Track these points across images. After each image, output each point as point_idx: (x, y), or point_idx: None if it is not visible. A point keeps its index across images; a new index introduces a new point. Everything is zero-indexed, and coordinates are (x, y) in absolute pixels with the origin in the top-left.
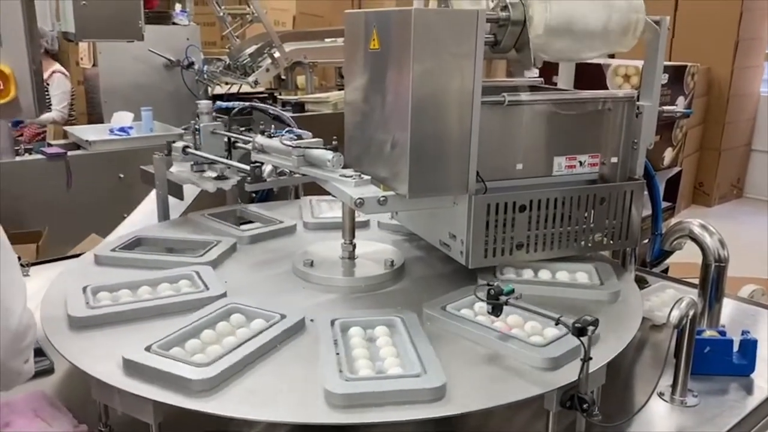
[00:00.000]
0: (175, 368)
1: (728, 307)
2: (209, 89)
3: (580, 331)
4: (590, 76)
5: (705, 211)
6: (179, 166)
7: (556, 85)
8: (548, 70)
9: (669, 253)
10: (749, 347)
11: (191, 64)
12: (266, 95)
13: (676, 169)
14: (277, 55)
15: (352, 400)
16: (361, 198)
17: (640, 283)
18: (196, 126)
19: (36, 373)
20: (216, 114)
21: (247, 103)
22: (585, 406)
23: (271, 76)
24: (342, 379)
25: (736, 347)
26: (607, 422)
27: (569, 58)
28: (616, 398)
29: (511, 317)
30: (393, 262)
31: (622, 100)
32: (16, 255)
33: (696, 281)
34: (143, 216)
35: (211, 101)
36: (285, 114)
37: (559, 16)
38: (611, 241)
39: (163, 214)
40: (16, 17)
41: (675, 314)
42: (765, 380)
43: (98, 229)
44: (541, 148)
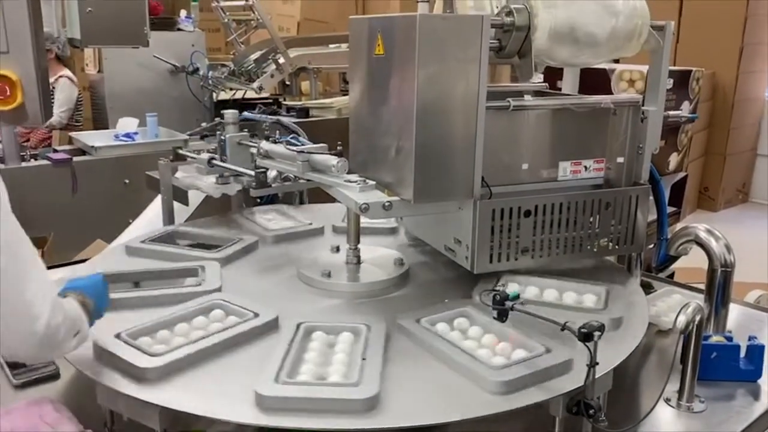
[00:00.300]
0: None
1: (734, 313)
2: (214, 95)
3: (586, 337)
4: (595, 80)
5: (710, 216)
6: (205, 180)
7: (560, 89)
8: (553, 74)
9: (675, 258)
10: (756, 353)
11: (196, 70)
12: (271, 101)
13: (682, 174)
14: (281, 60)
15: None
16: (366, 203)
17: (646, 288)
18: (222, 136)
19: (41, 378)
20: (221, 120)
21: (275, 117)
22: (591, 411)
23: (276, 82)
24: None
25: (742, 353)
26: (614, 428)
27: (574, 64)
28: (623, 404)
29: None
30: (402, 259)
31: (627, 105)
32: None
33: (702, 286)
34: (148, 221)
35: (237, 111)
36: (302, 133)
37: (563, 22)
38: (617, 246)
39: (168, 219)
40: (23, 25)
41: (681, 319)
42: None
43: (103, 235)
44: (546, 153)
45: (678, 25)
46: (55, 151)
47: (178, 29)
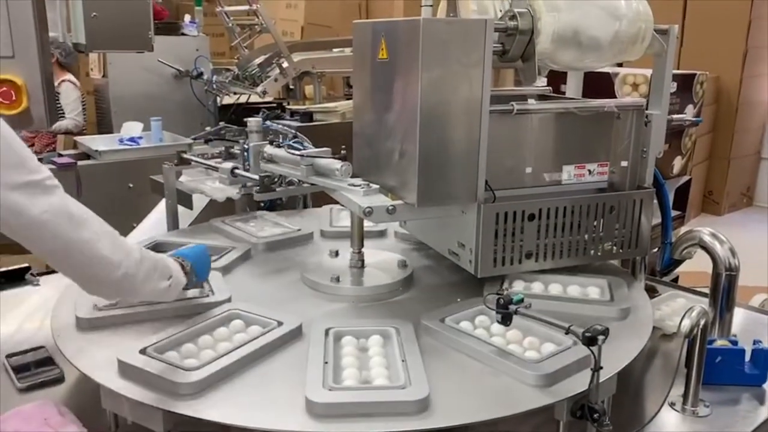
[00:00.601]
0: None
1: (739, 316)
2: (218, 99)
3: (590, 341)
4: (599, 84)
5: (715, 220)
6: (228, 191)
7: (564, 93)
8: (557, 78)
9: (679, 262)
10: (761, 357)
11: (200, 74)
12: (275, 105)
13: (686, 178)
14: (285, 65)
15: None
16: (369, 207)
17: (650, 291)
18: (245, 145)
19: (46, 382)
20: (225, 124)
21: (293, 130)
22: (596, 415)
23: (280, 86)
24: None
25: (747, 357)
26: None
27: (577, 67)
28: (627, 408)
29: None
30: (405, 262)
31: (630, 109)
32: (26, 264)
33: (706, 290)
34: (152, 225)
35: (260, 119)
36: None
37: (567, 25)
38: (621, 250)
39: (173, 223)
40: (29, 29)
41: (686, 323)
42: None
43: None
44: (549, 157)
45: (682, 28)
46: (60, 155)
47: (183, 34)
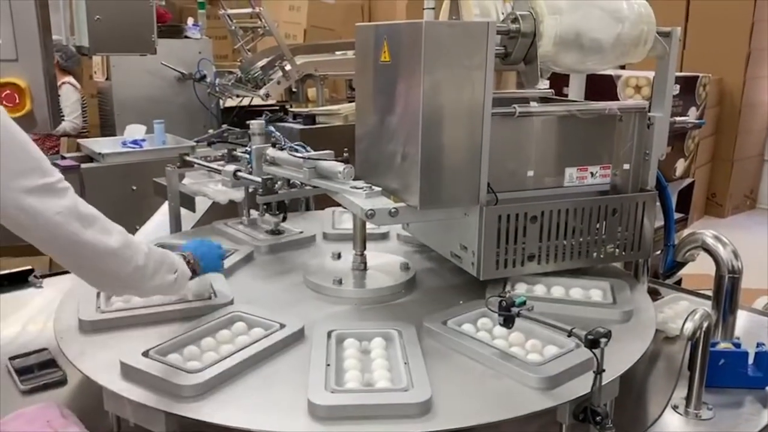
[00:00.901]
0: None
1: (742, 319)
2: (221, 102)
3: (592, 343)
4: (601, 87)
5: (718, 222)
6: (232, 194)
7: (566, 96)
8: (559, 81)
9: (682, 265)
10: (764, 360)
11: (203, 77)
12: (277, 108)
13: (689, 180)
14: (288, 68)
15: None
16: (372, 209)
17: (653, 294)
18: (248, 148)
19: (49, 384)
20: (228, 126)
21: (298, 144)
22: (598, 418)
23: (282, 89)
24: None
25: (751, 359)
26: None
27: (580, 70)
28: (630, 411)
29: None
30: (408, 265)
31: (633, 111)
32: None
33: (709, 293)
34: (155, 228)
35: (263, 121)
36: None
37: (569, 28)
38: (623, 253)
39: (176, 225)
40: (32, 33)
41: (689, 326)
42: None
43: None
44: (552, 159)
45: (684, 30)
46: (63, 158)
47: (186, 37)
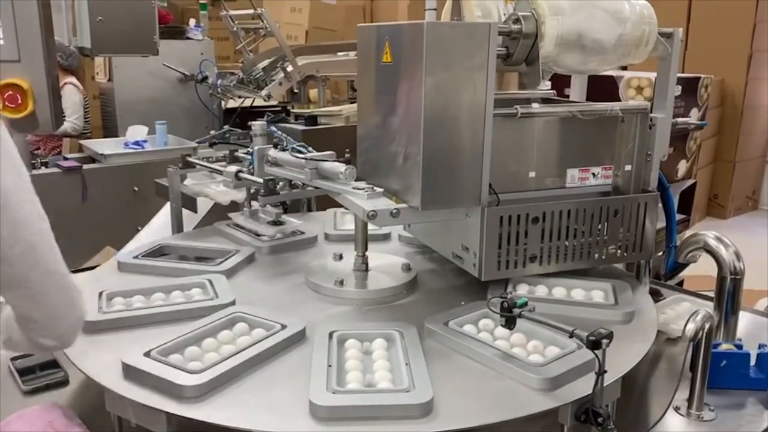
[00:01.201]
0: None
1: (744, 320)
2: (222, 103)
3: (594, 344)
4: (603, 87)
5: (720, 224)
6: (233, 194)
7: (568, 97)
8: (560, 82)
9: (684, 266)
10: (766, 361)
11: (205, 78)
12: (279, 109)
13: (690, 181)
14: (290, 68)
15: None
16: (373, 210)
17: (655, 295)
18: (250, 149)
19: (51, 384)
20: (229, 127)
21: (301, 144)
22: (600, 420)
23: (284, 90)
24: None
25: (753, 361)
26: None
27: (581, 71)
28: (632, 412)
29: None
30: (409, 266)
31: (635, 112)
32: None
33: (711, 294)
34: (157, 229)
35: (265, 123)
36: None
37: (570, 29)
38: (625, 254)
39: (177, 226)
40: (35, 34)
41: (691, 327)
42: None
43: (113, 242)
44: (553, 160)
45: (686, 31)
46: (65, 158)
47: (188, 38)
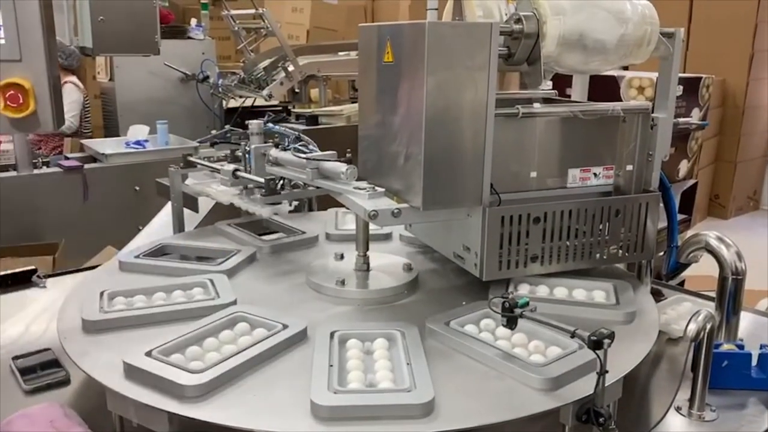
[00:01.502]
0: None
1: (745, 321)
2: (224, 102)
3: (596, 344)
4: (604, 87)
5: (721, 224)
6: (228, 192)
7: (570, 97)
8: (562, 81)
9: (685, 266)
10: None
11: (206, 77)
12: (280, 108)
13: (692, 182)
14: (291, 68)
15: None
16: (375, 210)
17: (656, 295)
18: (247, 148)
19: (52, 384)
20: (231, 127)
21: (297, 133)
22: (601, 419)
23: (285, 90)
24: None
25: (754, 361)
26: None
27: (583, 71)
28: (633, 412)
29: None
30: (410, 266)
31: (636, 112)
32: (33, 266)
33: (713, 294)
34: (158, 228)
35: (261, 122)
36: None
37: (572, 29)
38: (626, 254)
39: (179, 226)
40: (36, 33)
41: (692, 327)
42: None
43: (114, 241)
44: (555, 160)
45: (687, 32)
46: (67, 158)
47: (189, 37)
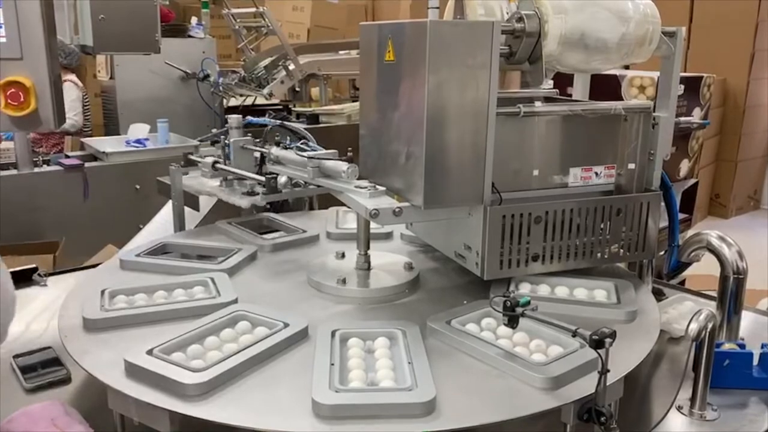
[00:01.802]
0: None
1: (746, 320)
2: (224, 101)
3: (597, 344)
4: (605, 86)
5: (721, 223)
6: (208, 183)
7: (571, 96)
8: (563, 80)
9: (686, 265)
10: None
11: (207, 76)
12: (281, 107)
13: (692, 181)
14: (291, 67)
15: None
16: (376, 209)
17: (657, 295)
18: (226, 141)
19: (53, 382)
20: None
21: (278, 122)
22: (603, 419)
23: (286, 88)
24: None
25: (755, 360)
26: None
27: (584, 70)
28: (634, 411)
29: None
30: (411, 264)
31: (638, 111)
32: (34, 265)
33: (714, 293)
34: (159, 227)
35: (240, 116)
36: (309, 135)
37: (574, 28)
38: (628, 253)
39: (179, 224)
40: (37, 31)
41: (693, 327)
42: None
43: (114, 240)
44: (556, 159)
45: (688, 31)
46: (67, 156)
47: (189, 36)
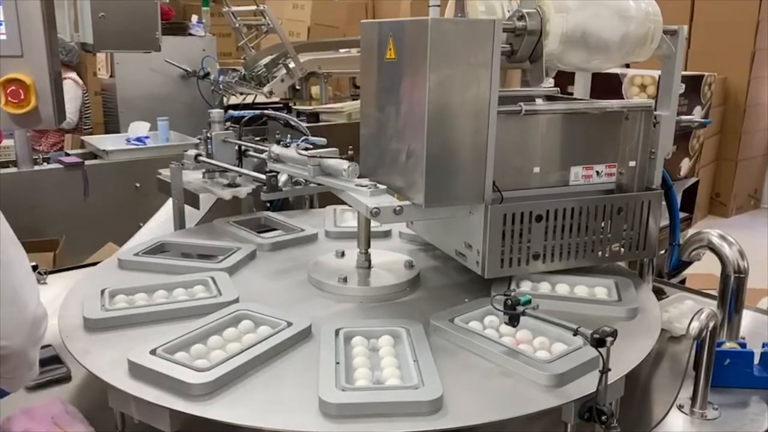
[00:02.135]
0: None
1: (747, 319)
2: (225, 99)
3: (598, 342)
4: (606, 85)
5: (722, 222)
6: (190, 175)
7: (571, 94)
8: (564, 79)
9: (687, 264)
10: None
11: (207, 74)
12: (281, 105)
13: (693, 180)
14: (292, 65)
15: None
16: (376, 207)
17: (658, 294)
18: (208, 134)
19: (53, 380)
20: (230, 124)
21: (257, 112)
22: (604, 418)
23: (286, 87)
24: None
25: (756, 359)
26: None
27: (585, 68)
28: (635, 410)
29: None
30: (412, 263)
31: (639, 110)
32: (34, 263)
33: (714, 292)
34: (159, 225)
35: (222, 110)
36: (298, 121)
37: (575, 26)
38: (629, 252)
39: (180, 223)
40: (37, 29)
41: (695, 326)
42: None
43: (115, 238)
44: (557, 158)
45: (689, 30)
46: (67, 154)
47: (190, 34)
